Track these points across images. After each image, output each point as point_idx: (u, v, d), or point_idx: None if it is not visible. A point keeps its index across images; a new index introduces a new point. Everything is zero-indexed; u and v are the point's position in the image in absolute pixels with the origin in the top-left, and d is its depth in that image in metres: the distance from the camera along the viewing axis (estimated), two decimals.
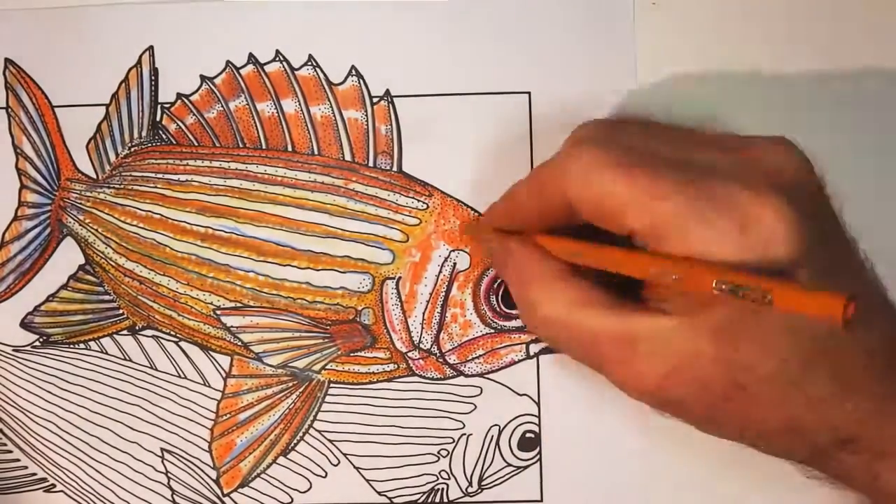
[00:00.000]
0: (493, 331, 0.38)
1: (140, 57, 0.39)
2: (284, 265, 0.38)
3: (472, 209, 0.38)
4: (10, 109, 0.39)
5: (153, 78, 0.39)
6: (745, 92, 0.38)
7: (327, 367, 0.39)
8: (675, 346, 0.30)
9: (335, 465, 0.39)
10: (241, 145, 0.39)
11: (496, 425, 0.39)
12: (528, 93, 0.39)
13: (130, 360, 0.39)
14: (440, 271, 0.38)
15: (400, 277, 0.38)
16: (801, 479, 0.34)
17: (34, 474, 0.39)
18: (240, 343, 0.39)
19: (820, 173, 0.32)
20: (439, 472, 0.39)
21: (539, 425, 0.38)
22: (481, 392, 0.39)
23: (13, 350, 0.39)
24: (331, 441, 0.39)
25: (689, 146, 0.32)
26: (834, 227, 0.33)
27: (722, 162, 0.31)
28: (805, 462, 0.32)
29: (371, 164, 0.39)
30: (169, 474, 0.39)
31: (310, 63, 0.39)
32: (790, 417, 0.30)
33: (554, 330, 0.33)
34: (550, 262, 0.33)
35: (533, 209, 0.33)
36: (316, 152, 0.39)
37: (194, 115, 0.39)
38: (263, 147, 0.39)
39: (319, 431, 0.39)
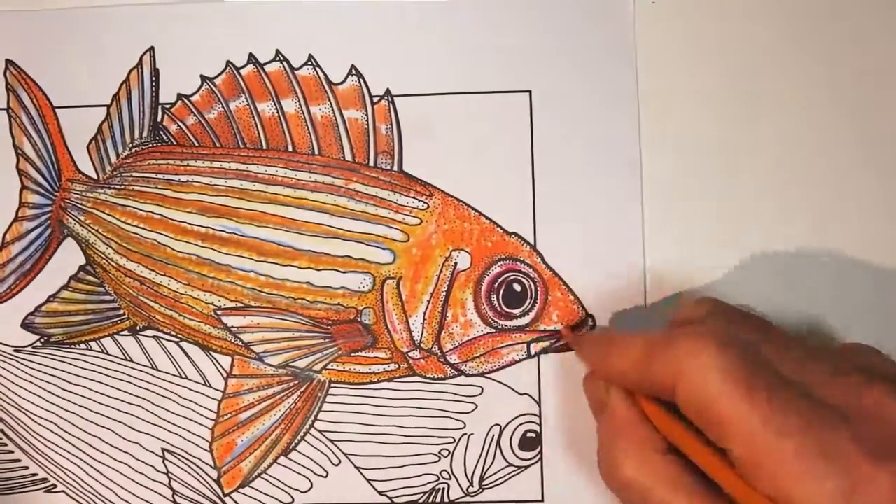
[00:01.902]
0: (494, 330, 0.38)
1: (141, 58, 0.39)
2: (285, 265, 0.38)
3: (473, 209, 0.38)
4: (10, 110, 0.40)
5: (154, 78, 0.39)
6: (745, 91, 0.38)
7: (328, 367, 0.39)
8: None
9: (336, 465, 0.39)
10: (241, 145, 0.39)
11: (497, 425, 0.38)
12: (529, 92, 0.39)
13: (131, 361, 0.39)
14: (441, 271, 0.38)
15: (401, 277, 0.38)
16: None
17: (35, 474, 0.39)
18: (241, 343, 0.39)
19: None
20: (440, 472, 0.39)
21: (540, 425, 0.38)
22: (482, 392, 0.39)
23: (14, 350, 0.39)
24: (332, 441, 0.39)
25: (812, 371, 0.30)
26: None
27: (843, 407, 0.29)
28: None
29: (371, 163, 0.39)
30: (170, 474, 0.39)
31: (310, 63, 0.39)
32: None
33: (633, 493, 0.31)
34: (651, 431, 0.32)
35: (636, 377, 0.32)
36: (316, 152, 0.39)
37: (195, 115, 0.39)
38: (264, 147, 0.39)
39: (320, 431, 0.39)
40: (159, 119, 0.39)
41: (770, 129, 0.38)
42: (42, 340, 0.39)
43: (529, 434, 0.38)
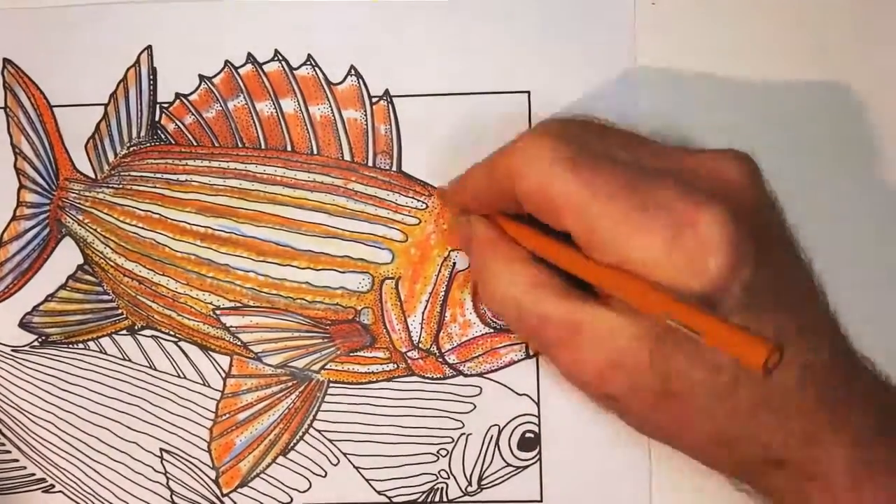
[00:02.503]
0: (492, 330, 0.38)
1: (138, 57, 0.39)
2: (284, 265, 0.38)
3: None
4: (8, 109, 0.39)
5: (152, 77, 0.39)
6: (745, 92, 0.38)
7: (327, 366, 0.39)
8: (616, 342, 0.30)
9: (335, 465, 0.39)
10: (240, 145, 0.39)
11: (496, 425, 0.39)
12: (528, 92, 0.39)
13: (129, 360, 0.39)
14: (439, 271, 0.38)
15: (399, 277, 0.38)
16: None
17: (33, 474, 0.39)
18: (239, 343, 0.39)
19: (771, 189, 0.32)
20: (439, 472, 0.39)
21: (539, 425, 0.38)
22: (481, 392, 0.39)
23: (12, 350, 0.39)
24: (330, 441, 0.39)
25: (643, 153, 0.32)
26: (781, 246, 0.32)
27: (669, 170, 0.31)
28: (735, 475, 0.32)
29: (370, 163, 0.39)
30: (168, 474, 0.39)
31: (309, 62, 0.39)
32: (719, 430, 0.30)
33: (508, 308, 0.33)
34: (512, 246, 0.33)
35: (485, 194, 0.34)
36: (315, 152, 0.39)
37: (193, 114, 0.39)
38: (262, 147, 0.39)
39: (319, 431, 0.39)
40: (157, 118, 0.39)
41: (770, 130, 0.39)
42: (40, 340, 0.39)
43: (528, 434, 0.38)
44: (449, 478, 0.39)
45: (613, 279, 0.30)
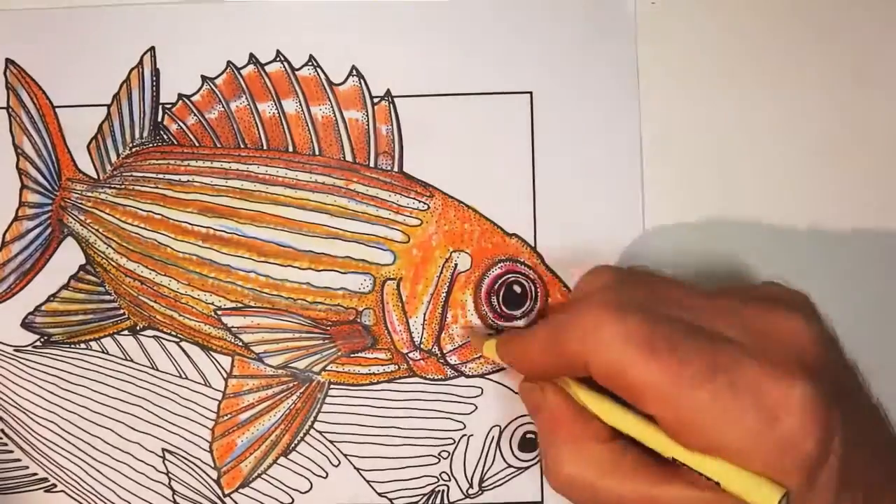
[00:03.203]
0: (493, 331, 0.38)
1: (141, 57, 0.39)
2: (285, 266, 0.38)
3: (473, 210, 0.38)
4: (10, 109, 0.39)
5: (154, 78, 0.39)
6: (746, 91, 0.38)
7: (328, 367, 0.39)
8: None
9: (336, 466, 0.39)
10: (242, 146, 0.39)
11: (497, 426, 0.38)
12: (530, 93, 0.39)
13: (131, 361, 0.39)
14: (441, 272, 0.38)
15: (401, 278, 0.38)
16: None
17: (35, 474, 0.39)
18: (241, 343, 0.39)
19: (839, 343, 0.32)
20: (440, 474, 0.39)
21: None
22: (482, 393, 0.39)
23: (14, 350, 0.39)
24: (331, 442, 0.39)
25: (709, 313, 0.30)
26: (856, 399, 0.31)
27: (745, 340, 0.30)
28: None
29: (372, 164, 0.39)
30: (170, 474, 0.39)
31: (310, 63, 0.39)
32: None
33: (578, 490, 0.31)
34: (586, 422, 0.32)
35: (551, 368, 0.32)
36: (317, 153, 0.39)
37: (195, 115, 0.39)
38: (264, 147, 0.39)
39: (320, 432, 0.39)
40: (160, 119, 0.39)
41: (770, 129, 0.38)
42: (42, 340, 0.39)
43: (529, 435, 0.38)
44: (450, 479, 0.39)
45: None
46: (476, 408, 0.39)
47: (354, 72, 0.39)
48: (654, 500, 0.30)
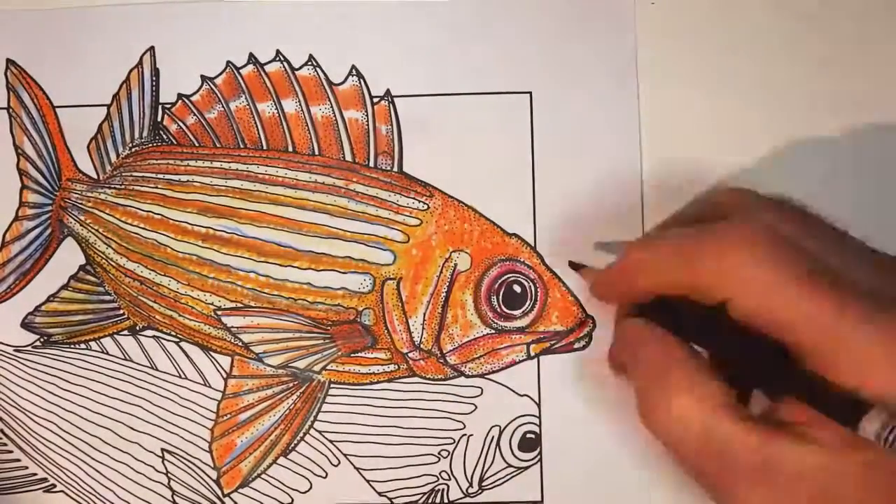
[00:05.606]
0: (493, 331, 0.38)
1: (141, 57, 0.39)
2: (285, 266, 0.38)
3: (473, 209, 0.38)
4: (11, 110, 0.40)
5: (154, 78, 0.39)
6: (746, 91, 0.38)
7: (328, 367, 0.39)
8: (821, 483, 0.28)
9: (335, 466, 0.39)
10: (241, 146, 0.39)
11: (497, 426, 0.38)
12: (529, 93, 0.39)
13: (131, 361, 0.39)
14: (441, 272, 0.38)
15: (401, 278, 0.38)
16: None
17: (34, 474, 0.39)
18: (240, 343, 0.39)
19: None
20: (440, 473, 0.39)
21: (539, 426, 0.38)
22: (482, 393, 0.39)
23: (14, 350, 0.39)
24: (331, 441, 0.39)
25: (880, 270, 0.29)
26: None
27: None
28: None
29: (372, 164, 0.39)
30: (169, 474, 0.39)
31: (310, 63, 0.39)
32: None
33: (689, 431, 0.29)
34: (700, 357, 0.30)
35: (669, 280, 0.30)
36: (316, 152, 0.39)
37: (195, 115, 0.39)
38: (264, 147, 0.39)
39: (320, 432, 0.39)
40: (159, 119, 0.39)
41: (770, 129, 0.38)
42: (42, 340, 0.39)
43: (529, 435, 0.38)
44: (450, 479, 0.39)
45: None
46: (476, 407, 0.39)
47: (354, 72, 0.39)
48: (772, 457, 0.28)
